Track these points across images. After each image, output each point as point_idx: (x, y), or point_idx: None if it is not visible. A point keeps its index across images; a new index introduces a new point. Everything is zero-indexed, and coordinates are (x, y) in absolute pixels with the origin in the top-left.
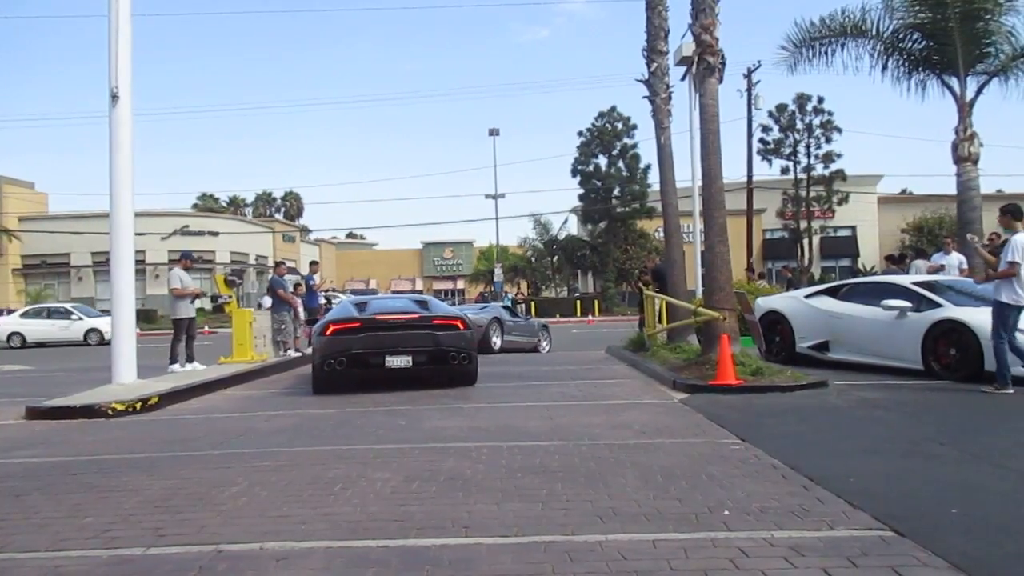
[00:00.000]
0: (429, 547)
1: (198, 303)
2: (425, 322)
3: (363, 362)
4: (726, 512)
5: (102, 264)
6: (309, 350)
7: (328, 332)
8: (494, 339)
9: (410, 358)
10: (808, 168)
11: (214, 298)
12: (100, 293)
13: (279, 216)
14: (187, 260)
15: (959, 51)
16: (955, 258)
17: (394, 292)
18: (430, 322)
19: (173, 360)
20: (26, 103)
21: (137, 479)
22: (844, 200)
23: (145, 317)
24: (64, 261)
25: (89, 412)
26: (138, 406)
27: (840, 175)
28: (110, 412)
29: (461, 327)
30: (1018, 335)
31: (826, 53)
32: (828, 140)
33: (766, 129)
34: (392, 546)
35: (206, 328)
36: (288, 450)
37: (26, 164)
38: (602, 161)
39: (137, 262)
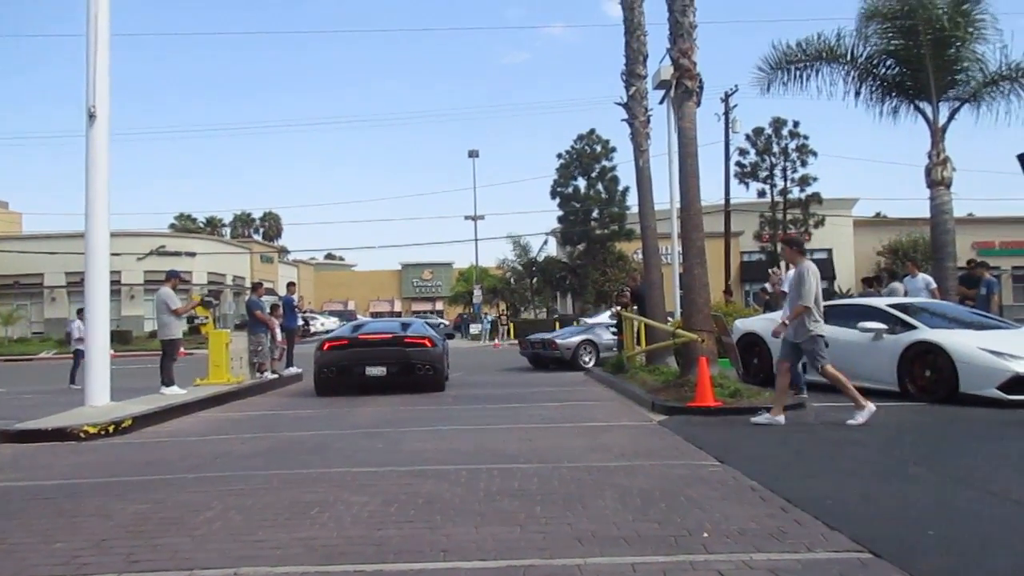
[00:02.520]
0: (407, 572)
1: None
2: (398, 341)
3: (348, 371)
4: (705, 535)
5: (76, 284)
6: (286, 372)
7: (324, 348)
8: (584, 359)
9: (384, 368)
10: (784, 191)
11: (191, 319)
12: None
13: (257, 237)
14: (175, 279)
15: (931, 77)
16: (921, 280)
17: (372, 314)
18: (402, 341)
19: (171, 382)
20: (0, 121)
21: (109, 503)
22: (820, 223)
23: (120, 338)
24: (38, 281)
25: (61, 435)
26: (111, 429)
27: (816, 198)
28: (82, 435)
29: (428, 345)
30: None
31: (801, 77)
32: (804, 163)
33: (743, 152)
34: (369, 571)
35: (182, 349)
36: (264, 473)
37: None
38: (581, 183)
39: (112, 283)
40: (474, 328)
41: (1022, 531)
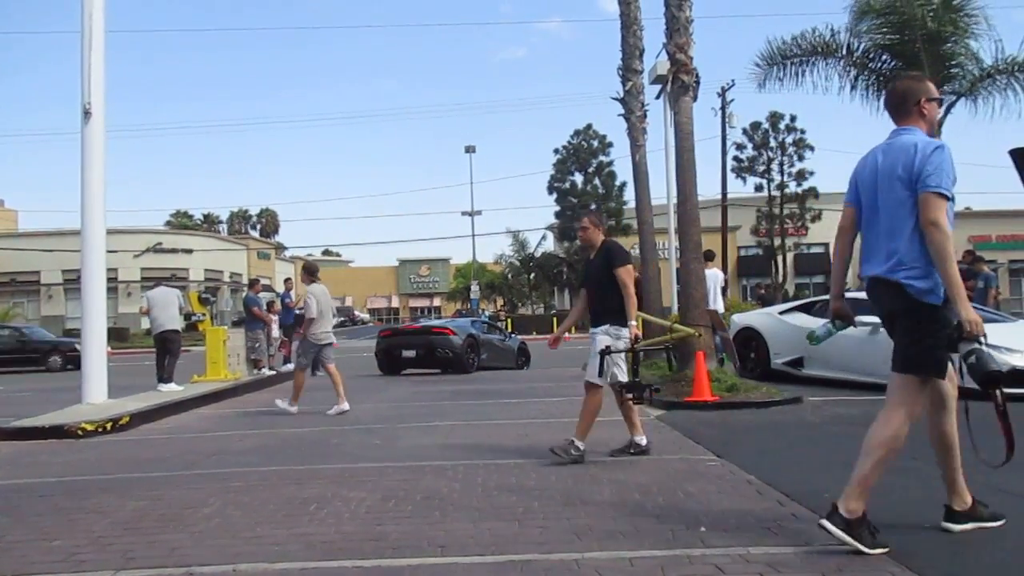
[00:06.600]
0: (404, 567)
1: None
2: (425, 331)
3: (391, 353)
4: (702, 528)
5: (73, 282)
6: (284, 368)
7: (381, 335)
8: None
9: (415, 351)
10: (781, 185)
11: (188, 316)
12: (71, 311)
13: (254, 233)
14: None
15: (926, 72)
16: None
17: (369, 310)
18: (428, 331)
19: (170, 379)
20: None
21: (107, 500)
22: (817, 217)
23: (117, 336)
24: (34, 279)
25: (58, 432)
26: (108, 426)
27: (813, 192)
28: (80, 432)
29: (449, 334)
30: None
31: (797, 72)
32: (801, 158)
33: (740, 147)
34: (367, 566)
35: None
36: (261, 470)
37: None
38: (578, 178)
39: (109, 280)
40: None
41: (1020, 524)
